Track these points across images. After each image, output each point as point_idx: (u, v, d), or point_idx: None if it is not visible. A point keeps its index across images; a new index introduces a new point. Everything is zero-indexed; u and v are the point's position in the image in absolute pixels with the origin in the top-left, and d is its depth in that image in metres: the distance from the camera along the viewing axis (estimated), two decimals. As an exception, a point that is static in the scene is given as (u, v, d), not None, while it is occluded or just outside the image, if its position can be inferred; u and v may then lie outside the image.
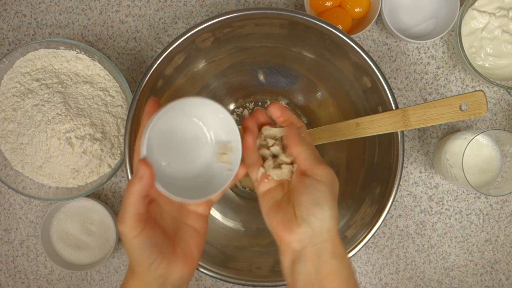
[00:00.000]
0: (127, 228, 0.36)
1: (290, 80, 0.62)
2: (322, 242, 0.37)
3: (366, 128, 0.51)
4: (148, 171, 0.36)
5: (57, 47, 0.60)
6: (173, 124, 0.40)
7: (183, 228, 0.40)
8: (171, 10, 0.65)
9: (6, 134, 0.59)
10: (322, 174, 0.38)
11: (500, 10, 0.61)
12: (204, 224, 0.42)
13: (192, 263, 0.40)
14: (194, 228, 0.41)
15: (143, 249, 0.36)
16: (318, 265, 0.37)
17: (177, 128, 0.41)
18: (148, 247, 0.37)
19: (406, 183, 0.66)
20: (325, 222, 0.37)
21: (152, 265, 0.37)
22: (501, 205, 0.66)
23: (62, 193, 0.60)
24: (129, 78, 0.65)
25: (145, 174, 0.35)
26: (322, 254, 0.37)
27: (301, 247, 0.37)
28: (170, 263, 0.38)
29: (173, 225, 0.40)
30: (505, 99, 0.65)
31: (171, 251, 0.38)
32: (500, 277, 0.67)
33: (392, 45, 0.65)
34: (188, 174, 0.41)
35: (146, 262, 0.37)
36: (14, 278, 0.67)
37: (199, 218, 0.41)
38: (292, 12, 0.49)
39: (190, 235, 0.40)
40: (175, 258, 0.38)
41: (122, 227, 0.36)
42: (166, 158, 0.40)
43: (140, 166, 0.36)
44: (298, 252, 0.37)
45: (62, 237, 0.64)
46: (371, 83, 0.51)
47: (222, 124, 0.40)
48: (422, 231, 0.66)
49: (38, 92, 0.58)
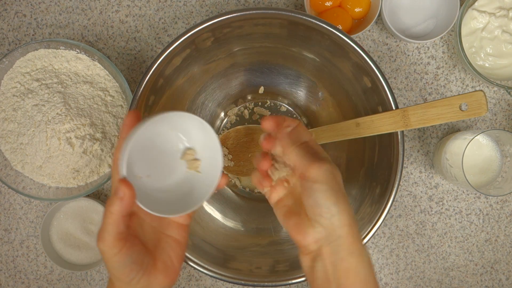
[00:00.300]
0: (107, 247, 0.36)
1: (290, 80, 0.62)
2: (336, 239, 0.36)
3: (366, 128, 0.51)
4: (129, 191, 0.35)
5: (57, 47, 0.60)
6: (153, 136, 0.40)
7: (164, 240, 0.40)
8: (171, 10, 0.65)
9: (6, 134, 0.59)
10: (317, 174, 0.37)
11: (500, 10, 0.61)
12: (185, 234, 0.41)
13: (173, 275, 0.40)
14: (175, 239, 0.41)
15: (123, 267, 0.36)
16: (335, 263, 0.37)
17: (157, 140, 0.41)
18: (128, 264, 0.36)
19: (406, 183, 0.66)
20: (334, 219, 0.36)
21: (132, 281, 0.37)
22: (501, 205, 0.66)
23: (62, 193, 0.60)
24: (129, 78, 0.65)
25: (125, 195, 0.35)
26: (338, 252, 0.36)
27: (318, 246, 0.37)
28: (150, 277, 0.38)
29: (153, 236, 0.40)
30: (505, 99, 0.65)
31: (152, 265, 0.38)
32: (500, 277, 0.67)
33: (392, 45, 0.65)
34: (168, 186, 0.41)
35: (126, 278, 0.37)
36: (14, 278, 0.67)
37: (180, 229, 0.41)
38: (292, 12, 0.49)
39: (171, 247, 0.40)
40: (155, 271, 0.38)
41: (102, 245, 0.36)
42: (146, 171, 0.40)
43: (121, 186, 0.35)
44: (316, 251, 0.37)
45: (62, 237, 0.64)
46: (371, 83, 0.51)
47: (203, 136, 0.40)
48: (422, 231, 0.66)
49: (38, 92, 0.58)
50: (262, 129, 0.43)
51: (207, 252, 0.54)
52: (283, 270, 0.53)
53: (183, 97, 0.59)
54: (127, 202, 0.35)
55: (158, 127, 0.40)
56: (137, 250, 0.37)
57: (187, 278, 0.67)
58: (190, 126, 0.40)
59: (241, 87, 0.63)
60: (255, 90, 0.64)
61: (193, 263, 0.52)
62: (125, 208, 0.35)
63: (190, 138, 0.42)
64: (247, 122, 0.65)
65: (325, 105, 0.62)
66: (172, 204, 0.40)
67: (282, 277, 0.52)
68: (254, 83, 0.63)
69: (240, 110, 0.65)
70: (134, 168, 0.39)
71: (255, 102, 0.64)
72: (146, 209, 0.37)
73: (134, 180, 0.37)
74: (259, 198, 0.65)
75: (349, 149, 0.60)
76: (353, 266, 0.36)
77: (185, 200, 0.40)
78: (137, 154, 0.39)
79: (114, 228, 0.35)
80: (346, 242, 0.36)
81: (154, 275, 0.38)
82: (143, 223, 0.40)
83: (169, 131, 0.41)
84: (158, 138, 0.41)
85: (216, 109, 0.64)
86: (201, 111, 0.62)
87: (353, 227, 0.37)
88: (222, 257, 0.55)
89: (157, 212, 0.37)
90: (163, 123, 0.40)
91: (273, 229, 0.61)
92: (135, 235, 0.39)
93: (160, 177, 0.41)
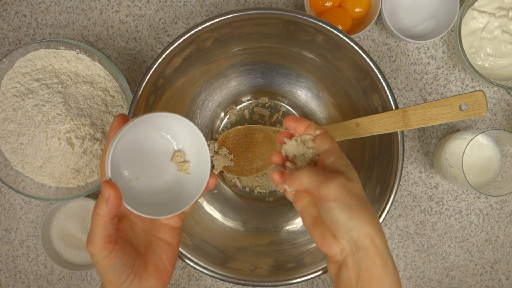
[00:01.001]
0: (97, 250, 0.35)
1: (290, 80, 0.62)
2: (360, 250, 0.37)
3: (366, 128, 0.51)
4: (114, 193, 0.35)
5: (57, 47, 0.60)
6: (141, 138, 0.40)
7: (155, 242, 0.40)
8: (171, 10, 0.65)
9: (6, 134, 0.59)
10: (328, 192, 0.37)
11: (500, 10, 0.61)
12: (177, 236, 0.41)
13: (164, 277, 0.40)
14: (167, 241, 0.41)
15: (114, 270, 0.36)
16: (358, 273, 0.37)
17: (146, 143, 0.41)
18: (119, 267, 0.36)
19: (406, 183, 0.66)
20: (353, 232, 0.36)
21: (123, 284, 0.37)
22: (501, 205, 0.66)
23: (62, 193, 0.60)
24: (129, 78, 0.65)
25: (110, 197, 0.35)
26: (361, 262, 0.37)
27: (343, 257, 0.38)
28: (141, 280, 0.38)
29: (145, 239, 0.40)
30: (505, 99, 0.65)
31: (143, 267, 0.38)
32: (500, 277, 0.67)
33: (392, 45, 0.65)
34: (157, 188, 0.41)
35: (117, 281, 0.37)
36: (14, 278, 0.67)
37: (171, 231, 0.41)
38: (292, 12, 0.49)
39: (163, 249, 0.40)
40: (147, 274, 0.38)
41: (91, 248, 0.36)
42: (134, 173, 0.40)
43: (105, 187, 0.35)
44: (341, 261, 0.38)
45: (62, 237, 0.64)
46: (371, 83, 0.51)
47: (190, 137, 0.40)
48: (422, 231, 0.66)
49: (38, 92, 0.58)
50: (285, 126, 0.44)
51: (207, 252, 0.54)
52: (283, 270, 0.53)
53: (183, 97, 0.59)
54: (113, 204, 0.35)
55: (145, 129, 0.40)
56: (127, 252, 0.37)
57: (187, 278, 0.67)
58: (178, 127, 0.41)
59: (241, 87, 0.63)
60: (255, 90, 0.64)
61: (193, 263, 0.52)
62: (112, 209, 0.35)
63: (178, 139, 0.42)
64: (247, 122, 0.65)
65: (325, 105, 0.62)
66: (162, 206, 0.40)
67: (282, 277, 0.52)
68: (254, 83, 0.63)
69: (240, 110, 0.65)
70: (123, 171, 0.39)
71: (255, 102, 0.64)
72: (133, 210, 0.37)
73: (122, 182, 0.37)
74: (259, 198, 0.65)
75: (349, 149, 0.60)
76: (376, 276, 0.37)
77: (175, 202, 0.40)
78: (126, 157, 0.39)
79: (102, 230, 0.35)
80: (370, 252, 0.37)
81: (146, 278, 0.38)
82: (134, 226, 0.40)
83: (157, 133, 0.41)
84: (146, 141, 0.41)
85: (216, 109, 0.64)
86: (201, 111, 0.62)
87: (375, 238, 0.37)
88: (222, 257, 0.55)
89: (146, 214, 0.37)
90: (150, 125, 0.40)
91: (273, 229, 0.61)
92: (125, 238, 0.38)
93: (150, 179, 0.41)
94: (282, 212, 0.62)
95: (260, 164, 0.61)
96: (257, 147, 0.61)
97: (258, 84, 0.63)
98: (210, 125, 0.64)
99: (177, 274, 0.67)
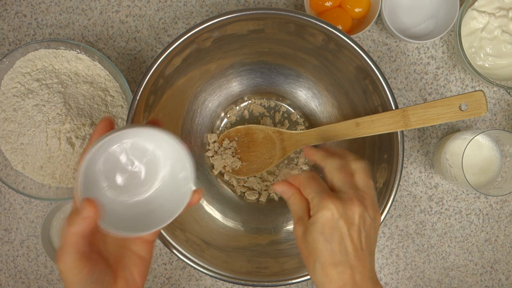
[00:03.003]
0: (67, 268, 0.34)
1: (290, 80, 0.62)
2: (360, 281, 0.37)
3: (366, 128, 0.51)
4: (93, 212, 0.33)
5: (57, 47, 0.60)
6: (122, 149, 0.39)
7: (127, 255, 0.39)
8: (171, 10, 0.65)
9: (7, 134, 0.59)
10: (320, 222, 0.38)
11: (500, 10, 0.61)
12: (150, 250, 0.40)
13: None
14: (139, 255, 0.39)
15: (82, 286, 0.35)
16: None
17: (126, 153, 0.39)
18: (88, 284, 0.35)
19: (406, 183, 0.66)
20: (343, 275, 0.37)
21: None
22: (501, 205, 0.66)
23: (63, 193, 0.60)
24: (129, 78, 0.65)
25: (90, 217, 0.33)
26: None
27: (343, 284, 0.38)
28: None
29: (116, 251, 0.39)
30: (505, 99, 0.65)
31: (112, 282, 0.37)
32: (500, 277, 0.67)
33: (392, 45, 0.65)
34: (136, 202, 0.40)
35: None
36: (15, 278, 0.67)
37: (145, 245, 0.40)
38: (292, 13, 0.49)
39: (134, 263, 0.39)
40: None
41: (62, 265, 0.34)
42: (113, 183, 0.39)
43: (86, 206, 0.33)
44: None
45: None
46: (371, 83, 0.51)
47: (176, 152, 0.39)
48: (422, 231, 0.66)
49: (38, 92, 0.58)
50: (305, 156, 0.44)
51: (207, 252, 0.54)
52: (283, 270, 0.53)
53: (183, 97, 0.59)
54: (90, 222, 0.33)
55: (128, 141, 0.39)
56: (98, 269, 0.36)
57: (187, 278, 0.67)
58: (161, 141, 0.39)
59: (241, 87, 0.63)
60: (255, 90, 0.64)
61: (193, 263, 0.52)
62: (87, 228, 0.33)
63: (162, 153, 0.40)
64: (247, 122, 0.65)
65: (325, 105, 0.62)
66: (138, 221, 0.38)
67: (282, 277, 0.52)
68: (254, 83, 0.63)
69: (240, 110, 0.65)
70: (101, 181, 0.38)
71: (255, 102, 0.64)
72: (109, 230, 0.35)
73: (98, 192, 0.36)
74: (259, 198, 0.65)
75: (349, 149, 0.60)
76: None
77: (152, 217, 0.39)
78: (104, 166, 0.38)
79: (74, 249, 0.34)
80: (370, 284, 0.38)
81: None
82: (106, 238, 0.38)
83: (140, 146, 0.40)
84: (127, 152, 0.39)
85: (216, 109, 0.64)
86: (201, 111, 0.62)
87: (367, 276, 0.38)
88: (222, 257, 0.55)
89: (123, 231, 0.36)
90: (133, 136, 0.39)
91: (273, 229, 0.61)
92: (97, 251, 0.37)
93: (128, 190, 0.40)
94: (282, 212, 0.62)
95: (260, 164, 0.61)
96: (257, 147, 0.61)
97: (258, 84, 0.63)
98: (210, 125, 0.64)
99: (177, 274, 0.67)
